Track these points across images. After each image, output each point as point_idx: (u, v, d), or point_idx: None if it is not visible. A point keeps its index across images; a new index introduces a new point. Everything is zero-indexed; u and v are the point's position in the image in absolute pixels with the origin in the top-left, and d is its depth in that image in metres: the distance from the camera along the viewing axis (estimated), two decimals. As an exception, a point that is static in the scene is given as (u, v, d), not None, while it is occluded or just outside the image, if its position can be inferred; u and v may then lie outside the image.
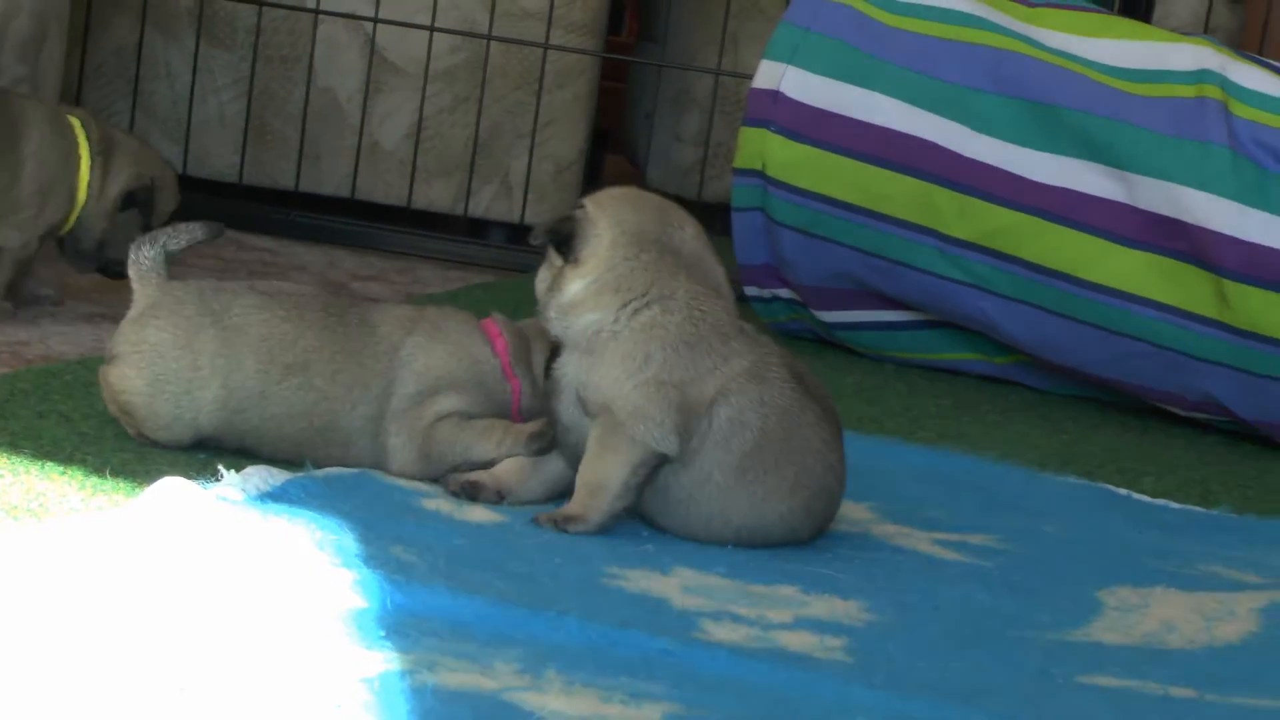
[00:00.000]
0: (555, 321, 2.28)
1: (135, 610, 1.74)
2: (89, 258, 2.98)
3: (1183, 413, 3.30)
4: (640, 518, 2.29)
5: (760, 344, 2.31)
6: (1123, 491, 2.77)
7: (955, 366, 3.53)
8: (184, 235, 2.37)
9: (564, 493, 2.30)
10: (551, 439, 2.29)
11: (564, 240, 2.27)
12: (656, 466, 2.23)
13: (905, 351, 3.54)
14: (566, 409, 2.27)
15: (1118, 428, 3.26)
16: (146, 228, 2.78)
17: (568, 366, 2.27)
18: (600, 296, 2.26)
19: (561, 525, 2.22)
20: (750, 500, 2.25)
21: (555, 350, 2.29)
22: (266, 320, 2.33)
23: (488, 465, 2.32)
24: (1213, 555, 2.48)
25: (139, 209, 2.90)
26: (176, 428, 2.33)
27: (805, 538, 2.30)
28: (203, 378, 2.30)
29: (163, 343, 2.30)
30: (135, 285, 2.35)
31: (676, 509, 2.26)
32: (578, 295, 2.26)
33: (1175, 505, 2.74)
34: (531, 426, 2.32)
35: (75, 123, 2.92)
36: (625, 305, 2.25)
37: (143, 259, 2.34)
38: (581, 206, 2.30)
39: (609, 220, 2.28)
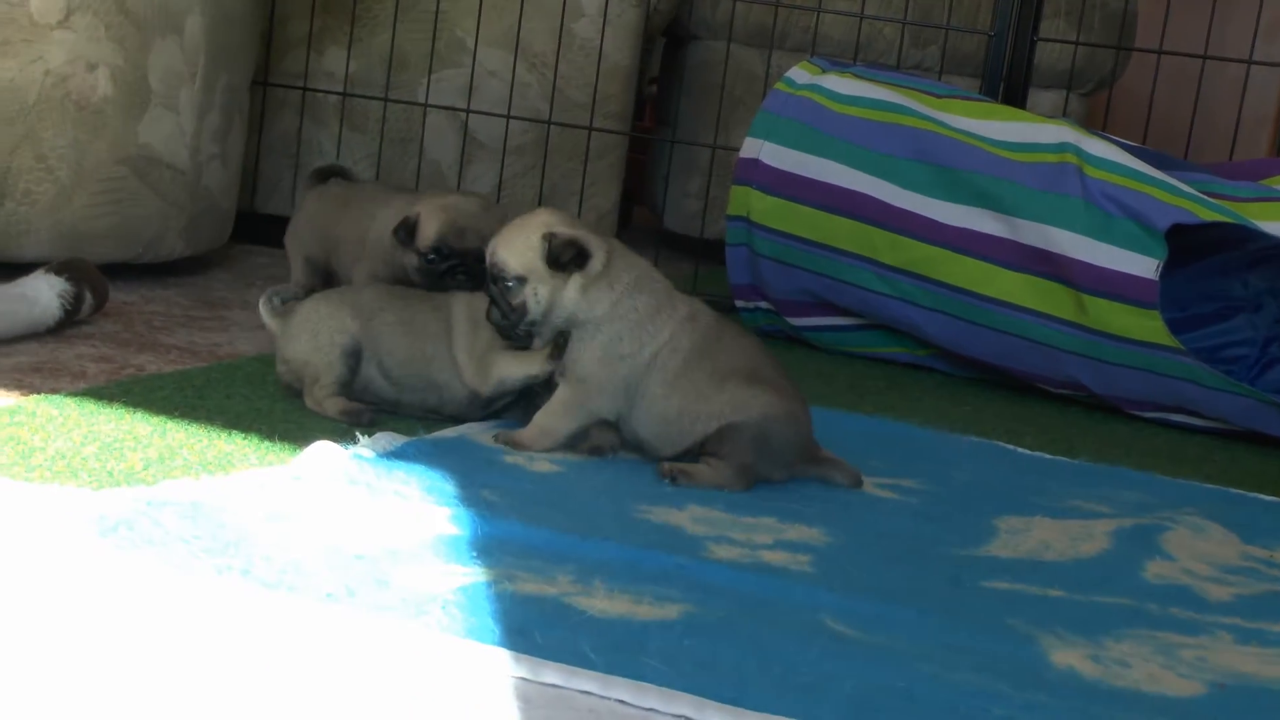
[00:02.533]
0: (553, 324, 2.28)
1: (297, 535, 1.72)
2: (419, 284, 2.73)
3: (1052, 389, 3.26)
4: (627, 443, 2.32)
5: (690, 303, 2.32)
6: (1010, 447, 2.73)
7: (888, 357, 3.49)
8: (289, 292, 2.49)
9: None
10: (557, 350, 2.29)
11: (580, 258, 2.25)
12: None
13: (852, 346, 3.50)
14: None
15: (1006, 400, 3.22)
16: (419, 254, 2.65)
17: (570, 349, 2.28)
18: (589, 294, 2.26)
19: (513, 446, 2.23)
20: (682, 397, 2.24)
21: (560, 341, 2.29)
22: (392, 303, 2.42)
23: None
24: (1075, 493, 2.44)
25: (401, 237, 2.69)
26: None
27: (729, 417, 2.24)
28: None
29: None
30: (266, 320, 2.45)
31: (643, 416, 2.26)
32: (581, 298, 2.26)
33: (1048, 456, 2.70)
34: (545, 350, 2.31)
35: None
36: (614, 304, 2.26)
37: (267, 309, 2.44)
38: (553, 234, 2.25)
39: (589, 238, 2.27)
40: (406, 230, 2.68)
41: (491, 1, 3.97)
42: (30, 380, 2.33)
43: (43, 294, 2.64)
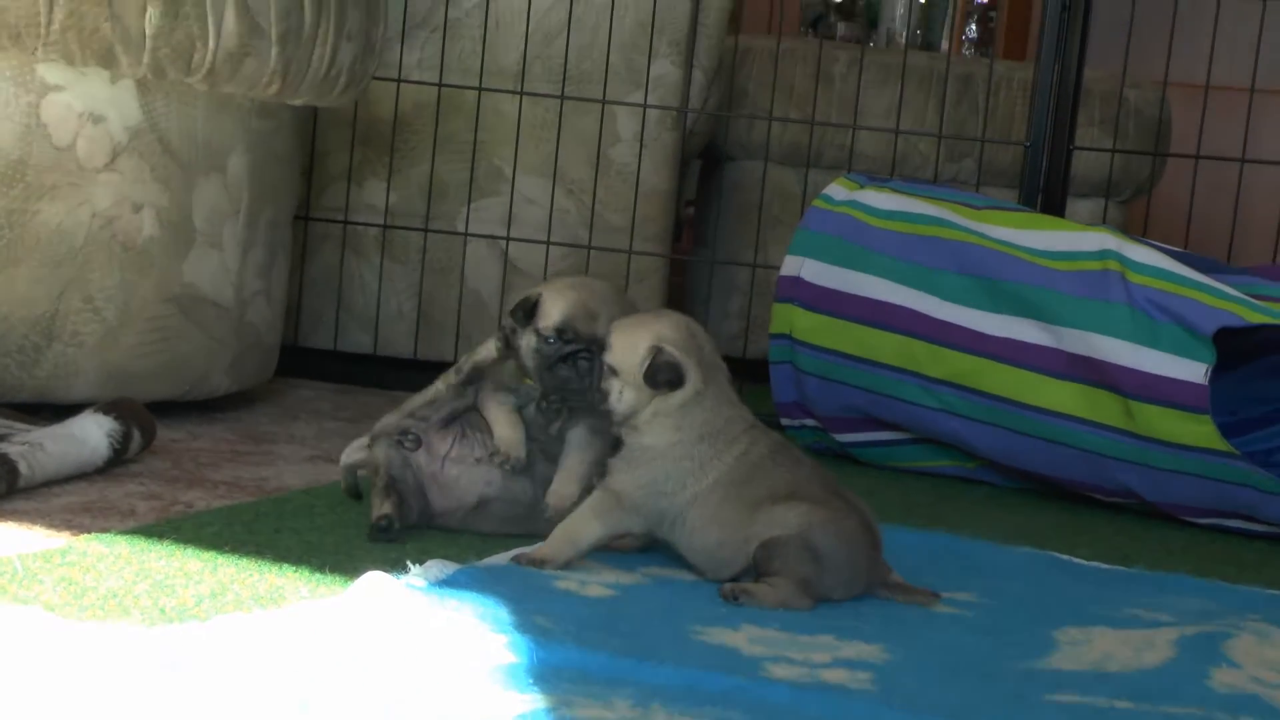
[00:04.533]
0: (621, 430, 2.28)
1: (348, 666, 1.72)
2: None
3: (1104, 498, 3.24)
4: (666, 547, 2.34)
5: (755, 429, 2.32)
6: (1065, 557, 2.70)
7: (936, 471, 3.47)
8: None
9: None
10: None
11: (675, 382, 2.24)
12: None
13: (900, 461, 3.49)
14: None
15: (1057, 511, 3.20)
16: (538, 334, 2.38)
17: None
18: (657, 421, 2.25)
19: (534, 564, 2.23)
20: (720, 529, 2.24)
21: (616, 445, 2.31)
22: None
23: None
24: (1134, 602, 2.41)
25: (519, 317, 2.43)
26: None
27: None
28: None
29: None
30: None
31: (686, 544, 2.27)
32: (651, 421, 2.26)
33: (1104, 566, 2.67)
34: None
35: None
36: (672, 445, 2.25)
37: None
38: (660, 350, 2.24)
39: (690, 368, 2.25)
40: (525, 310, 2.42)
41: (529, 130, 4.02)
42: (80, 520, 2.34)
43: (91, 434, 2.66)
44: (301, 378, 3.94)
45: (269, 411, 3.45)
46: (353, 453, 2.56)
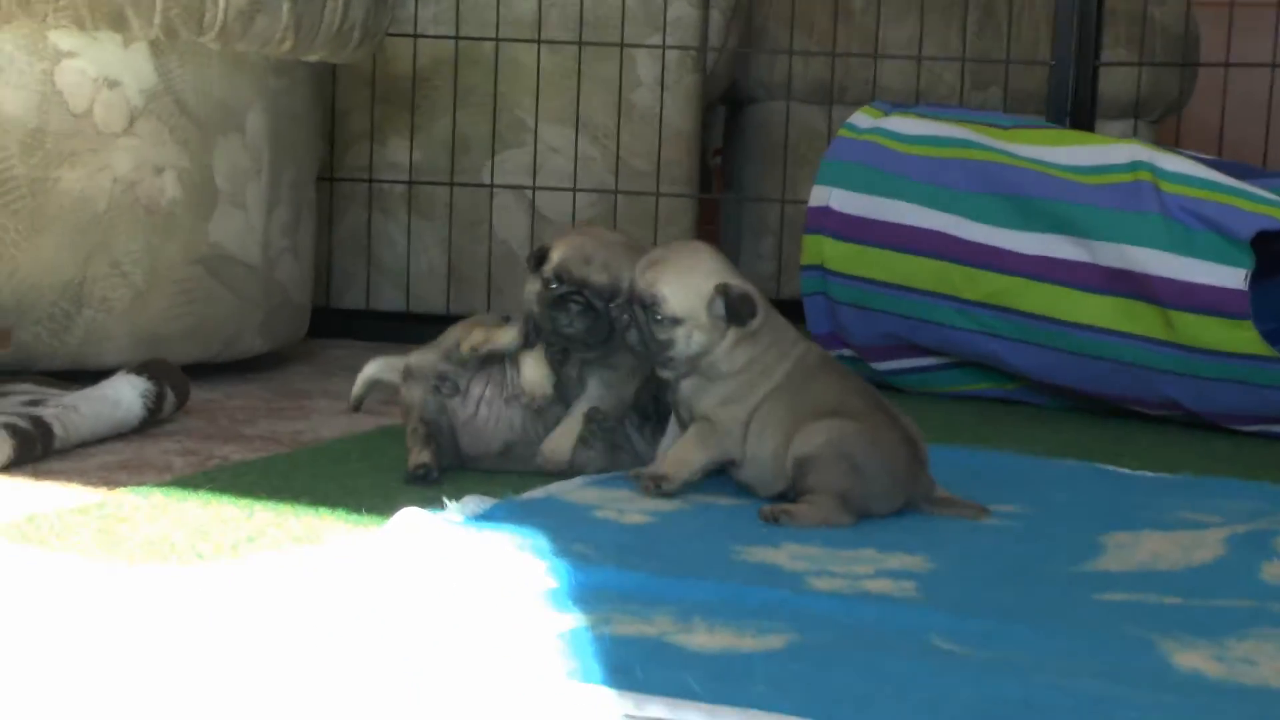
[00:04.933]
0: (690, 365, 2.26)
1: (393, 598, 1.71)
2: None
3: (1148, 411, 3.20)
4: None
5: (804, 339, 2.33)
6: (1110, 468, 2.66)
7: (977, 394, 3.44)
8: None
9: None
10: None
11: (753, 311, 2.24)
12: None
13: (939, 386, 3.46)
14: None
15: (1101, 426, 3.16)
16: (543, 280, 2.37)
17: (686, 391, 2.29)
18: (737, 349, 2.25)
19: (654, 480, 2.25)
20: (772, 438, 2.24)
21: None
22: None
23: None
24: (1182, 506, 2.38)
25: (534, 265, 2.41)
26: None
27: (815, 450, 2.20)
28: None
29: None
30: None
31: (746, 456, 2.27)
32: (731, 351, 2.25)
33: (1150, 474, 2.64)
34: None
35: None
36: (750, 361, 2.25)
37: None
38: (728, 286, 2.23)
39: (755, 292, 2.26)
40: (537, 257, 2.42)
41: (549, 79, 3.98)
42: (117, 476, 2.33)
43: (125, 395, 2.65)
44: (335, 338, 3.93)
45: (303, 370, 3.44)
46: (379, 369, 2.55)
